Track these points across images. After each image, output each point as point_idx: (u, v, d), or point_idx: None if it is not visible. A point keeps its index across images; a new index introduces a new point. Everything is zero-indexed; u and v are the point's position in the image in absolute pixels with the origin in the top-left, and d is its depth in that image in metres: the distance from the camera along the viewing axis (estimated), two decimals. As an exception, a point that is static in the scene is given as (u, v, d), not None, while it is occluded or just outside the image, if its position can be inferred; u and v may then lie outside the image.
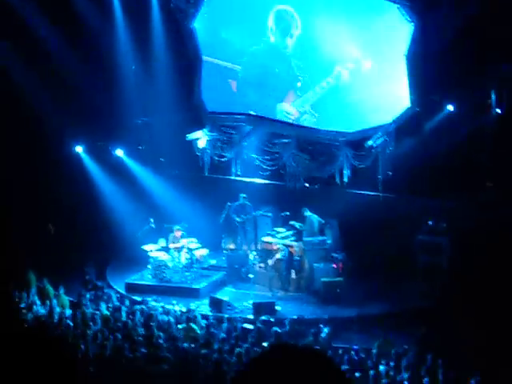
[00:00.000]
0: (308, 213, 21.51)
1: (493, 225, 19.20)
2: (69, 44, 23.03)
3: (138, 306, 17.99)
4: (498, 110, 20.47)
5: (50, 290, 19.22)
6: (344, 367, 14.04)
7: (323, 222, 21.50)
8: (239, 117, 23.56)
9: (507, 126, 20.16)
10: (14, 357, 2.84)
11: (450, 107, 21.17)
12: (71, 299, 19.23)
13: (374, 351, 15.53)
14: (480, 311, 16.35)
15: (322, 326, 17.07)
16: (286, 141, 22.76)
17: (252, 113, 23.36)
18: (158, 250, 21.71)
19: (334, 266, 20.79)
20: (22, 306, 18.21)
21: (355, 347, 15.70)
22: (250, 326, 17.19)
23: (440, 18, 19.75)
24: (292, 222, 21.76)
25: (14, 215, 22.34)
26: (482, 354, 14.53)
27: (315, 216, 21.46)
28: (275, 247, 21.15)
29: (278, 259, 20.87)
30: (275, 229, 22.13)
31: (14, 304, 17.88)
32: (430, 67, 19.88)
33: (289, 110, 23.32)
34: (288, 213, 22.23)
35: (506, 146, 19.93)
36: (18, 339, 2.92)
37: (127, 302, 18.93)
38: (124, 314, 17.27)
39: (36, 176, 23.32)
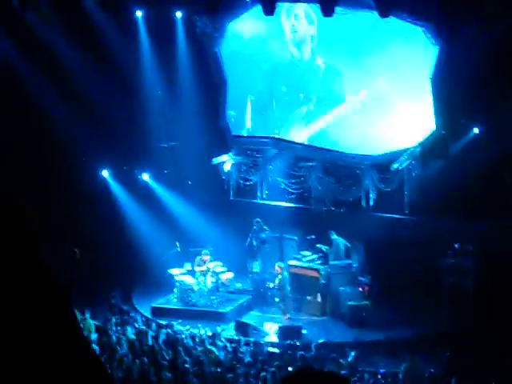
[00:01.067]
0: (334, 236, 21.42)
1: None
2: (95, 69, 23.17)
3: (163, 330, 17.96)
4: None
5: (77, 314, 19.22)
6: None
7: (349, 245, 21.41)
8: (264, 140, 23.65)
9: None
10: None
11: (476, 130, 21.06)
12: (97, 323, 19.23)
13: (401, 375, 15.41)
14: (506, 335, 16.22)
15: (348, 349, 16.97)
16: (311, 164, 22.79)
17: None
18: (183, 274, 21.71)
19: (360, 289, 20.69)
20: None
21: (382, 371, 15.60)
22: (276, 350, 17.13)
23: (465, 40, 19.69)
24: (318, 245, 21.68)
25: (39, 240, 22.36)
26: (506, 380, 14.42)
27: (341, 239, 21.36)
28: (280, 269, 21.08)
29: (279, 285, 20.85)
30: (301, 252, 22.07)
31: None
32: (455, 90, 19.83)
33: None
34: (314, 236, 22.15)
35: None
36: None
37: (153, 326, 18.93)
38: (150, 338, 17.26)
39: (63, 201, 23.44)
